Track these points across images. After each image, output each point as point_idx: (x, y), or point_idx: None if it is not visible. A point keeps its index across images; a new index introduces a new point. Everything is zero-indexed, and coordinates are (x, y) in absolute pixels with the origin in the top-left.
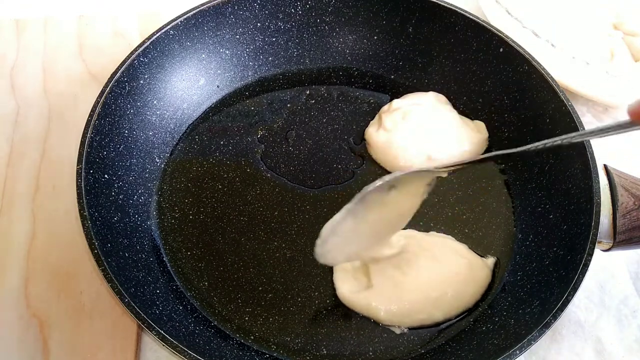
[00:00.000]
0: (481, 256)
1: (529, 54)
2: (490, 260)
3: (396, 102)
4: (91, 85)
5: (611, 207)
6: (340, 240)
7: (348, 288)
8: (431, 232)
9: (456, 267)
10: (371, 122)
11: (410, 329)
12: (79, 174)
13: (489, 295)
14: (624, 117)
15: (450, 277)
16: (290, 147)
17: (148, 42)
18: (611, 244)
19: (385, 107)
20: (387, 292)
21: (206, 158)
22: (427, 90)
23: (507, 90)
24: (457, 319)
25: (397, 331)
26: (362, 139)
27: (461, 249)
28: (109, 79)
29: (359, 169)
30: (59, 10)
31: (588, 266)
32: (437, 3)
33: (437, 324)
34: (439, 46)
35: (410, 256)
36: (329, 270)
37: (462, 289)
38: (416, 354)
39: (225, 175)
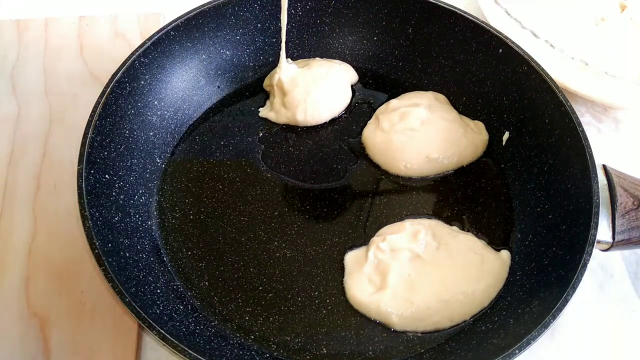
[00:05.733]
0: (497, 250)
1: (528, 55)
2: (505, 254)
3: (393, 102)
4: (92, 86)
5: (610, 207)
6: None
7: (360, 291)
8: (453, 227)
9: (468, 266)
10: (368, 122)
11: (423, 333)
12: (79, 174)
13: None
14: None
15: (462, 277)
16: (290, 147)
17: (149, 43)
18: (610, 244)
19: (382, 107)
20: (400, 293)
21: (207, 158)
22: (426, 90)
23: (507, 90)
24: (472, 318)
25: (410, 333)
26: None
27: (476, 244)
28: (109, 79)
29: (359, 169)
30: (59, 10)
31: (587, 266)
32: (436, 4)
33: (453, 326)
34: (439, 47)
35: (430, 251)
36: (329, 270)
37: (473, 287)
38: (416, 353)
39: (226, 175)
